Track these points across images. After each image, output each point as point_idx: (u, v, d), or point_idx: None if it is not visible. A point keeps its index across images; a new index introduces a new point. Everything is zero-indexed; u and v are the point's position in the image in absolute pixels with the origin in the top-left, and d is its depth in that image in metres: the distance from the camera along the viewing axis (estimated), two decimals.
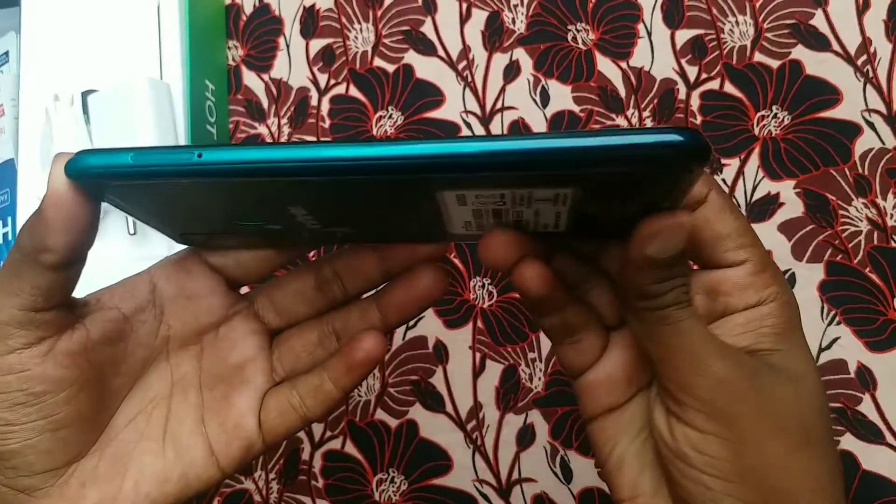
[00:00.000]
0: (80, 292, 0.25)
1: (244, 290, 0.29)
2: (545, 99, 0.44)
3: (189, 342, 0.28)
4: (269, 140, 0.48)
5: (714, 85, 0.42)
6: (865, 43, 0.40)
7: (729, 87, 0.42)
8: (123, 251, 0.42)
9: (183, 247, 0.28)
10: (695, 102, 0.42)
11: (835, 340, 0.39)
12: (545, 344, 0.42)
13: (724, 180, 0.41)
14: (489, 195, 0.20)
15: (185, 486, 0.26)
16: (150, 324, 0.27)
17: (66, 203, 0.21)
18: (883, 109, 0.40)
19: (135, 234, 0.41)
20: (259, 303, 0.29)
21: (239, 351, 0.28)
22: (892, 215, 0.39)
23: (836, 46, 0.41)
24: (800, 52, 0.41)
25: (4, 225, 0.45)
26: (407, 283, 0.27)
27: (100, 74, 0.43)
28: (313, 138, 0.47)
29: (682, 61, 0.43)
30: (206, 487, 0.26)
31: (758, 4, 0.42)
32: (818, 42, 0.41)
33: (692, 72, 0.42)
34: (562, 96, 0.44)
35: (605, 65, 0.44)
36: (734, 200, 0.41)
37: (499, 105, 0.45)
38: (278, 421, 0.27)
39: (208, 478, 0.26)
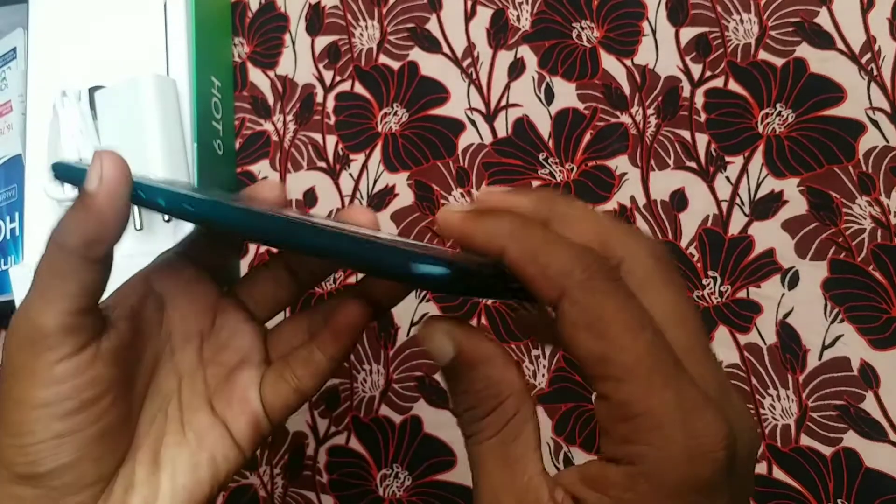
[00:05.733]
0: None
1: None
2: (549, 96, 0.44)
3: (190, 335, 0.29)
4: (275, 138, 0.48)
5: (718, 83, 0.42)
6: (870, 41, 0.40)
7: (733, 85, 0.42)
8: (130, 246, 0.42)
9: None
10: (699, 100, 0.42)
11: (838, 338, 0.39)
12: None
13: (728, 178, 0.41)
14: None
15: (215, 469, 0.27)
16: (155, 319, 0.27)
17: (122, 194, 0.23)
18: (887, 107, 0.40)
19: (141, 229, 0.41)
20: (242, 294, 0.30)
21: (236, 338, 0.29)
22: (895, 213, 0.39)
23: (840, 45, 0.41)
24: (804, 51, 0.41)
25: (13, 220, 0.46)
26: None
27: (107, 71, 0.43)
28: (319, 135, 0.47)
29: (687, 59, 0.43)
30: (233, 468, 0.27)
31: (762, 3, 0.42)
32: (822, 40, 0.41)
33: (696, 70, 0.43)
34: (566, 94, 0.44)
35: (609, 62, 0.44)
36: (738, 198, 0.41)
37: (503, 102, 0.45)
38: (274, 395, 0.28)
39: (233, 457, 0.27)
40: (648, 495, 0.17)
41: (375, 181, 0.46)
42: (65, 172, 0.25)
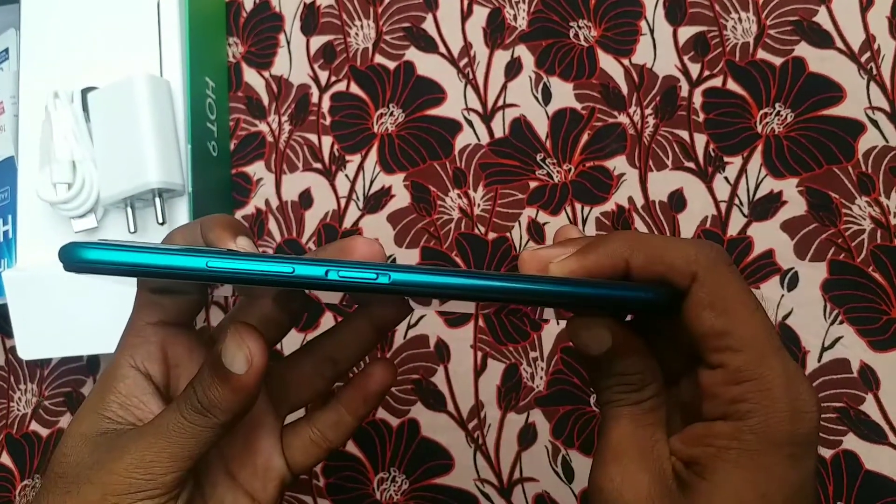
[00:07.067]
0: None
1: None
2: (547, 96, 0.44)
3: None
4: (270, 139, 0.48)
5: (717, 82, 0.42)
6: (869, 40, 0.40)
7: (732, 85, 0.42)
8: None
9: None
10: (697, 100, 0.42)
11: (837, 340, 0.39)
12: (547, 343, 0.42)
13: (726, 178, 0.41)
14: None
15: None
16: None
17: (263, 373, 0.23)
18: (886, 107, 0.39)
19: (135, 231, 0.41)
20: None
21: None
22: (895, 214, 0.39)
23: (839, 44, 0.40)
24: (803, 50, 0.41)
25: (5, 223, 0.45)
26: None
27: (100, 72, 0.43)
28: (314, 136, 0.47)
29: (685, 58, 0.43)
30: None
31: (761, 1, 0.42)
32: (821, 39, 0.41)
33: (695, 69, 0.42)
34: (564, 94, 0.44)
35: (607, 62, 0.43)
36: (737, 199, 0.41)
37: (500, 102, 0.45)
38: (303, 457, 0.30)
39: None
40: (753, 445, 0.20)
41: (372, 182, 0.46)
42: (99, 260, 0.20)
